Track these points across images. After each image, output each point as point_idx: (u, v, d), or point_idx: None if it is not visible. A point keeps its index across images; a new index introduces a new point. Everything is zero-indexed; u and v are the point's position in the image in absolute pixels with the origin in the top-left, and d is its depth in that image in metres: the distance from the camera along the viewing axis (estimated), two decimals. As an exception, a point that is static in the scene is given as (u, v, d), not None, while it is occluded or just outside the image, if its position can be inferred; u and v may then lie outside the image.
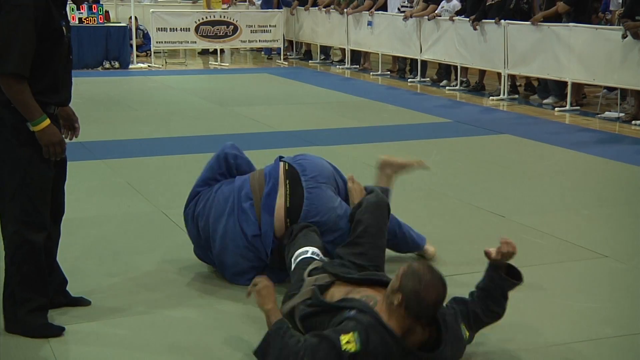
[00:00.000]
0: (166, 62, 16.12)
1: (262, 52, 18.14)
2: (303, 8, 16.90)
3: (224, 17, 16.35)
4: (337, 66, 15.99)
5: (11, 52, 3.36)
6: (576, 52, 10.26)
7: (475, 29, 11.85)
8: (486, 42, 11.76)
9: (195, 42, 16.02)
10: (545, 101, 11.09)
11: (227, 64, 16.32)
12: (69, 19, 3.69)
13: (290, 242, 4.00)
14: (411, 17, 13.32)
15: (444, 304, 3.26)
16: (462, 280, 4.28)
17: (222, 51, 16.63)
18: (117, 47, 14.93)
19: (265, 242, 4.12)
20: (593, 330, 3.77)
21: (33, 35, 3.40)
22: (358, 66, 15.56)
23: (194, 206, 4.40)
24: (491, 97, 11.70)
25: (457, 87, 12.68)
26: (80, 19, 14.75)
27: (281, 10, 17.00)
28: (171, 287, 4.24)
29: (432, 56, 13.16)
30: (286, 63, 16.63)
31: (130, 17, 15.83)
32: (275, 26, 16.53)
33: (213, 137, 8.25)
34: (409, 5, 13.97)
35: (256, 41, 16.81)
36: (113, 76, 13.79)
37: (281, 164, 4.30)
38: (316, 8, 16.45)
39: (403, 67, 14.38)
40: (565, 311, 4.00)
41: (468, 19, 12.03)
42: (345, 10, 15.26)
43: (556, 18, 10.76)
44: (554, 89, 11.03)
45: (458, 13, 12.59)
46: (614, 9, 12.09)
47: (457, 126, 9.35)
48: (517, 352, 3.51)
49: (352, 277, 3.52)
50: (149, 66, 15.37)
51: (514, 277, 3.41)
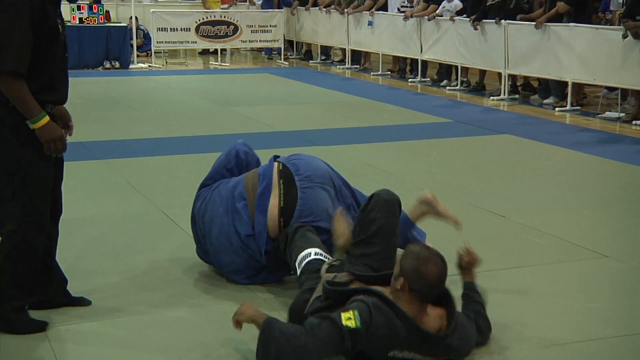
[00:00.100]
0: (167, 62, 16.13)
1: (263, 52, 18.15)
2: (303, 8, 16.90)
3: (225, 17, 16.35)
4: (338, 66, 15.99)
5: (8, 51, 3.35)
6: (577, 52, 10.26)
7: (475, 28, 11.85)
8: (486, 42, 11.76)
9: (196, 42, 16.03)
10: (545, 101, 11.09)
11: (228, 64, 16.32)
12: (63, 17, 3.68)
13: (289, 245, 3.95)
14: (412, 17, 13.33)
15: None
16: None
17: (225, 51, 16.63)
18: (117, 47, 14.93)
19: (259, 242, 4.11)
20: (593, 330, 3.76)
21: (30, 33, 3.39)
22: (358, 66, 15.56)
23: (193, 206, 4.43)
24: (492, 97, 11.69)
25: (457, 87, 12.67)
26: (80, 19, 14.76)
27: (282, 10, 16.99)
28: (171, 287, 4.24)
29: (433, 56, 13.15)
30: (286, 63, 16.63)
31: (131, 17, 15.82)
32: (275, 26, 16.54)
33: (213, 137, 8.25)
34: (408, 5, 13.97)
35: (256, 41, 16.81)
36: (113, 76, 13.79)
37: (275, 164, 4.29)
38: (317, 8, 16.45)
39: (403, 67, 14.37)
40: (566, 311, 4.00)
41: (468, 19, 12.03)
42: (345, 10, 15.26)
43: (557, 18, 10.76)
44: (555, 89, 11.02)
45: (458, 13, 12.58)
46: (615, 9, 12.08)
47: (458, 126, 9.35)
48: (518, 352, 3.51)
49: (371, 275, 3.48)
50: (149, 66, 15.38)
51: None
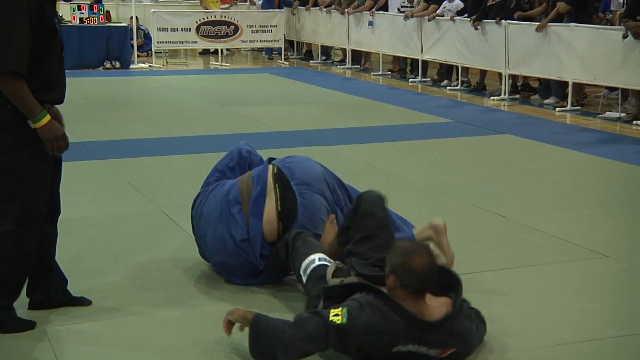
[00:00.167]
0: (167, 62, 16.12)
1: (263, 52, 18.14)
2: (304, 8, 16.90)
3: (225, 17, 16.34)
4: (338, 66, 15.99)
5: (8, 51, 3.34)
6: (577, 52, 10.25)
7: (476, 28, 11.85)
8: (487, 42, 11.76)
9: (196, 42, 16.02)
10: (546, 101, 11.08)
11: (228, 64, 16.32)
12: (58, 15, 3.67)
13: (290, 253, 3.92)
14: (412, 17, 13.33)
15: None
16: (463, 280, 4.29)
17: (227, 51, 16.59)
18: (118, 47, 14.93)
19: (254, 247, 4.09)
20: (594, 330, 3.76)
21: (29, 33, 3.38)
22: (359, 66, 15.55)
23: (192, 206, 4.44)
24: (492, 97, 11.69)
25: (458, 87, 12.67)
26: (81, 19, 14.76)
27: (282, 10, 16.99)
28: (171, 287, 4.24)
29: (433, 56, 13.15)
30: (287, 63, 16.63)
31: (131, 17, 15.82)
32: (276, 26, 16.53)
33: (214, 137, 8.25)
34: (409, 5, 13.97)
35: (257, 41, 16.80)
36: (114, 76, 13.79)
37: (270, 167, 4.26)
38: (317, 8, 16.45)
39: (404, 67, 14.36)
40: (566, 311, 3.99)
41: (469, 19, 12.03)
42: (346, 10, 15.25)
43: (557, 18, 10.76)
44: (555, 89, 11.02)
45: (459, 13, 12.58)
46: (615, 8, 12.08)
47: (458, 126, 9.35)
48: (518, 352, 3.51)
49: (380, 275, 3.47)
50: (150, 66, 15.37)
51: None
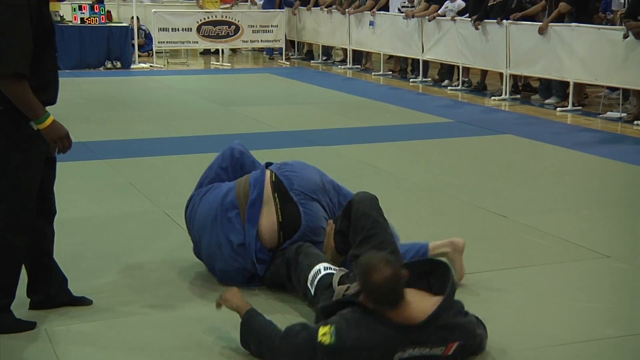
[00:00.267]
0: (168, 62, 16.13)
1: (264, 52, 18.14)
2: (305, 8, 16.90)
3: (226, 17, 16.35)
4: (339, 66, 15.99)
5: (13, 52, 3.34)
6: (578, 52, 10.25)
7: (477, 28, 11.84)
8: (488, 42, 11.75)
9: (197, 42, 16.03)
10: (547, 101, 11.08)
11: (229, 64, 16.32)
12: (52, 16, 3.68)
13: (294, 270, 3.92)
14: (413, 17, 13.32)
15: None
16: (464, 280, 4.29)
17: (231, 51, 16.55)
18: (119, 47, 14.92)
19: (249, 252, 4.08)
20: (595, 331, 3.76)
21: (30, 34, 3.38)
22: (360, 66, 15.55)
23: (185, 210, 4.44)
24: (493, 97, 11.69)
25: (459, 87, 12.66)
26: (82, 19, 14.76)
27: (283, 10, 16.99)
28: (172, 286, 4.24)
29: (434, 56, 13.15)
30: (288, 63, 16.63)
31: (132, 17, 15.83)
32: (277, 26, 16.53)
33: (215, 137, 8.25)
34: (409, 5, 13.97)
35: (258, 41, 16.80)
36: (115, 76, 13.79)
37: (268, 173, 4.21)
38: (318, 8, 16.45)
39: (405, 67, 14.36)
40: (567, 311, 3.99)
41: (470, 19, 12.03)
42: (347, 10, 15.25)
43: (558, 18, 10.76)
44: (556, 89, 11.02)
45: (460, 13, 12.58)
46: (616, 8, 12.07)
47: (459, 126, 9.34)
48: (518, 352, 3.51)
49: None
50: (150, 66, 15.38)
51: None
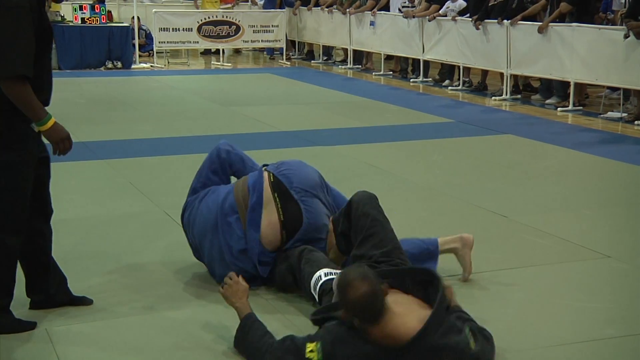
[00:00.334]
0: (168, 62, 16.13)
1: (265, 52, 18.14)
2: (305, 8, 16.90)
3: (226, 17, 16.35)
4: (340, 66, 15.99)
5: (18, 54, 3.33)
6: (579, 52, 10.24)
7: (477, 28, 11.84)
8: (489, 42, 11.75)
9: (198, 42, 16.03)
10: (547, 101, 11.08)
11: (230, 64, 16.32)
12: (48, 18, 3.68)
13: (299, 276, 3.92)
14: (414, 17, 13.32)
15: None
16: (464, 282, 4.29)
17: (235, 52, 16.52)
18: (119, 47, 14.93)
19: (252, 257, 4.07)
20: (595, 331, 3.76)
21: (33, 35, 3.38)
22: (360, 66, 15.56)
23: (182, 216, 4.41)
24: (494, 97, 11.69)
25: (459, 87, 12.66)
26: (83, 19, 14.77)
27: (284, 10, 16.99)
28: (173, 286, 4.24)
29: (435, 56, 13.15)
30: (288, 63, 16.64)
31: (133, 17, 15.83)
32: (277, 26, 16.54)
33: (215, 137, 8.20)
34: (409, 5, 13.97)
35: (258, 41, 16.80)
36: (115, 76, 13.80)
37: (266, 174, 4.18)
38: (319, 8, 16.45)
39: (405, 67, 14.36)
40: (568, 311, 3.99)
41: (471, 18, 12.02)
42: (347, 10, 15.26)
43: (559, 18, 10.75)
44: (557, 89, 11.01)
45: (460, 13, 12.58)
46: (617, 8, 12.06)
47: (460, 126, 9.34)
48: (518, 352, 3.51)
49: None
50: (151, 66, 15.38)
51: None
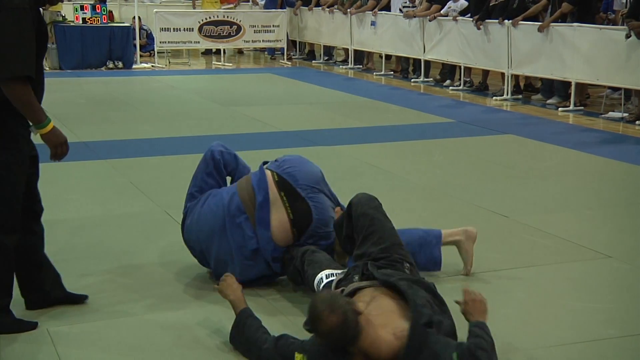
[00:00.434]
0: (169, 62, 16.14)
1: (266, 52, 18.15)
2: (306, 8, 16.90)
3: (227, 17, 16.35)
4: (341, 66, 16.00)
5: (21, 55, 3.33)
6: (580, 52, 10.24)
7: (478, 28, 11.84)
8: (490, 42, 11.75)
9: (199, 42, 16.03)
10: (549, 101, 11.08)
11: (230, 64, 16.32)
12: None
13: (303, 277, 3.93)
14: (414, 17, 13.32)
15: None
16: (464, 281, 4.29)
17: (239, 52, 16.51)
18: (120, 47, 14.94)
19: (265, 256, 4.06)
20: (596, 331, 3.76)
21: (33, 36, 3.38)
22: (361, 66, 15.56)
23: (183, 223, 4.33)
24: (495, 97, 11.68)
25: (460, 87, 12.66)
26: (84, 19, 14.77)
27: (284, 10, 16.99)
28: (174, 286, 4.24)
29: (436, 56, 13.15)
30: (289, 63, 16.64)
31: (134, 17, 15.84)
32: (278, 26, 16.54)
33: (216, 137, 8.19)
34: (410, 5, 13.97)
35: (259, 41, 16.81)
36: (116, 76, 13.80)
37: (269, 173, 4.16)
38: (320, 8, 16.46)
39: (406, 67, 14.36)
40: (568, 311, 3.99)
41: (472, 18, 12.02)
42: (348, 10, 15.26)
43: (560, 18, 10.75)
44: (558, 89, 11.01)
45: (461, 13, 12.57)
46: (618, 8, 12.06)
47: (461, 126, 9.34)
48: (520, 351, 3.51)
49: (370, 283, 3.43)
50: (152, 66, 15.39)
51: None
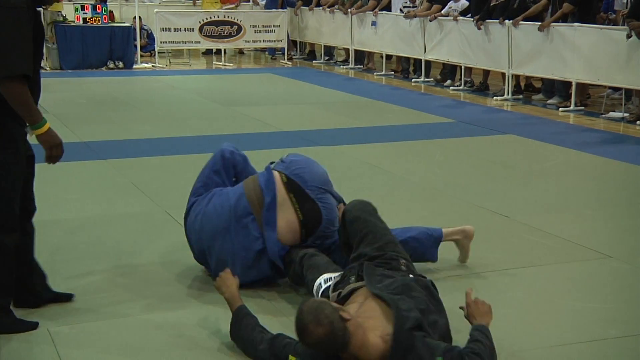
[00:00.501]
0: (170, 62, 16.14)
1: (266, 52, 18.15)
2: (307, 8, 16.91)
3: (228, 17, 16.36)
4: (341, 66, 16.00)
5: (17, 54, 3.33)
6: (581, 52, 10.24)
7: (479, 28, 11.84)
8: (490, 42, 11.75)
9: (199, 42, 16.04)
10: (549, 101, 11.08)
11: (231, 64, 16.32)
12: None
13: (305, 283, 3.95)
14: (415, 17, 13.32)
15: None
16: (465, 281, 4.29)
17: (240, 53, 16.49)
18: (121, 47, 14.94)
19: (272, 257, 4.05)
20: (597, 331, 3.76)
21: (31, 36, 3.38)
22: (362, 66, 15.56)
23: (187, 217, 4.32)
24: (495, 97, 11.68)
25: (461, 87, 12.66)
26: (84, 19, 14.77)
27: (285, 10, 17.00)
28: (174, 286, 4.24)
29: (436, 56, 13.15)
30: (290, 63, 16.64)
31: (135, 17, 15.84)
32: (279, 26, 16.54)
33: (217, 137, 8.24)
34: (411, 5, 13.97)
35: (260, 41, 16.81)
36: (117, 76, 13.80)
37: (276, 174, 4.14)
38: (320, 8, 16.46)
39: (407, 67, 14.36)
40: (569, 311, 3.99)
41: (472, 18, 12.02)
42: (349, 10, 15.26)
43: (561, 18, 10.74)
44: (559, 89, 11.01)
45: (462, 13, 12.57)
46: (618, 8, 12.06)
47: (461, 126, 9.34)
48: (520, 352, 3.51)
49: (361, 285, 3.43)
50: (153, 66, 15.39)
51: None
